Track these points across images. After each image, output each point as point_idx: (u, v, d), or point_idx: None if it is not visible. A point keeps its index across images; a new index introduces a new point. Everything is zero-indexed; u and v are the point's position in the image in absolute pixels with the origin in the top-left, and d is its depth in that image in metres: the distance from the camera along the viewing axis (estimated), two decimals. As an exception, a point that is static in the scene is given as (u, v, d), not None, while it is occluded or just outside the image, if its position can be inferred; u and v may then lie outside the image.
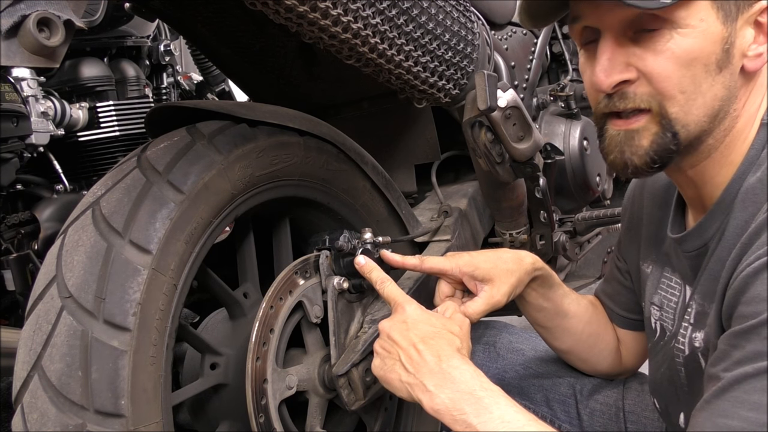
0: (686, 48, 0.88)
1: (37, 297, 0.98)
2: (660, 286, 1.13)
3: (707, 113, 0.92)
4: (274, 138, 1.20)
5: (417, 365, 0.98)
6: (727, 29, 0.89)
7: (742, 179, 0.92)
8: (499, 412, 0.90)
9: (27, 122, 1.62)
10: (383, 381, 1.03)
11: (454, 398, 0.93)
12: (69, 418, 0.91)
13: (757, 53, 0.91)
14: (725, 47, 0.89)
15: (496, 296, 1.16)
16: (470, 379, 0.95)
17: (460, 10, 1.30)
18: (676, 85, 0.90)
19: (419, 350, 0.99)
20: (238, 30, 1.48)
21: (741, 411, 0.77)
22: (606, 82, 0.92)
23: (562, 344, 1.33)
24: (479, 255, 1.20)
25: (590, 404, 1.35)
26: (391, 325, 1.05)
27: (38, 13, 0.84)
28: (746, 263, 0.83)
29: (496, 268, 1.18)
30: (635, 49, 0.91)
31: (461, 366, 0.97)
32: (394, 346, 1.02)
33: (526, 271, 1.20)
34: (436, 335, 1.02)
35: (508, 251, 1.23)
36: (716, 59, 0.89)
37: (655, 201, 1.16)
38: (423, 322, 1.04)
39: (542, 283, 1.25)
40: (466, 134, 1.41)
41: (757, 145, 0.93)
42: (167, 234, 1.00)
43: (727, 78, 0.91)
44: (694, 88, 0.90)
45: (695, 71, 0.89)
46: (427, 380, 0.96)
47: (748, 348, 0.79)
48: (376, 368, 1.05)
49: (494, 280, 1.17)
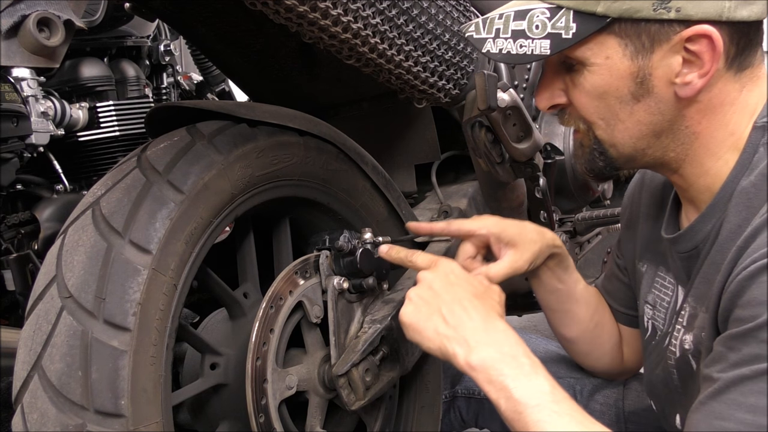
0: (595, 84, 0.95)
1: (37, 297, 0.98)
2: (654, 285, 1.13)
3: (634, 135, 0.97)
4: (274, 138, 1.20)
5: (460, 319, 0.97)
6: (637, 64, 0.92)
7: (735, 182, 0.93)
8: (537, 381, 0.89)
9: (27, 122, 1.61)
10: (412, 329, 1.01)
11: (496, 357, 0.92)
12: (69, 418, 0.91)
13: (685, 81, 0.91)
14: (638, 80, 0.93)
15: (519, 261, 1.16)
16: (515, 344, 0.94)
17: (460, 9, 1.30)
18: (593, 114, 0.97)
19: (464, 307, 0.98)
20: (238, 30, 1.48)
21: (737, 413, 0.78)
22: (540, 105, 1.03)
23: (569, 331, 1.32)
24: (505, 220, 1.21)
25: (590, 405, 1.35)
26: (434, 277, 1.03)
27: (38, 13, 0.84)
28: (742, 266, 0.83)
29: (521, 234, 1.18)
30: (567, 78, 0.99)
31: (507, 330, 0.97)
32: (435, 297, 1.00)
33: (547, 245, 1.21)
34: (481, 296, 1.02)
35: (531, 224, 1.24)
36: (629, 91, 0.94)
37: (653, 200, 1.17)
38: (467, 281, 1.04)
39: (559, 262, 1.25)
40: (466, 134, 1.41)
41: (749, 149, 0.93)
42: (167, 234, 1.00)
43: (651, 105, 0.94)
44: (612, 116, 0.96)
45: (608, 102, 0.95)
46: (469, 336, 0.95)
47: (745, 350, 0.79)
48: (406, 315, 1.02)
49: (519, 245, 1.17)
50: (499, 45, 0.96)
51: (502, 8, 0.97)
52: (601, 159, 1.00)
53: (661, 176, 1.12)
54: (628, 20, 0.90)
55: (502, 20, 0.95)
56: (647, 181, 1.19)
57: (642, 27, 0.90)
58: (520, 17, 0.94)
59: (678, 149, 0.97)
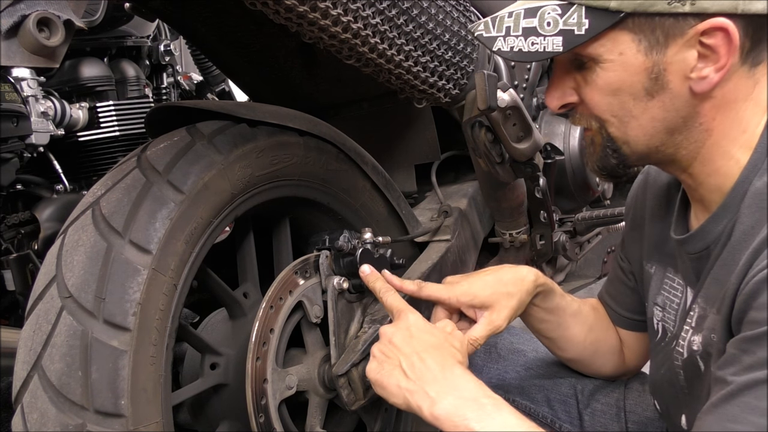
0: (608, 81, 0.93)
1: (37, 297, 0.98)
2: (663, 286, 1.12)
3: (647, 132, 0.95)
4: (274, 138, 1.20)
5: (419, 372, 0.98)
6: (651, 59, 0.90)
7: (747, 182, 0.92)
8: (501, 419, 0.90)
9: (27, 122, 1.62)
10: (378, 384, 1.02)
11: (457, 404, 0.93)
12: (69, 418, 0.91)
13: (701, 76, 0.90)
14: (652, 76, 0.91)
15: (496, 321, 1.14)
16: (474, 388, 0.95)
17: (460, 9, 1.30)
18: (606, 111, 0.96)
19: (422, 358, 0.99)
20: (238, 30, 1.48)
21: (750, 416, 0.77)
22: (551, 104, 1.01)
23: (566, 353, 1.32)
24: (477, 281, 1.18)
25: (591, 404, 1.35)
26: (394, 331, 1.04)
27: (38, 13, 0.84)
28: (758, 268, 0.83)
29: (495, 293, 1.16)
30: (578, 76, 0.97)
31: (464, 375, 0.97)
32: (396, 351, 1.01)
33: (527, 291, 1.18)
34: (439, 346, 1.02)
35: (508, 271, 1.20)
36: (643, 87, 0.92)
37: (658, 200, 1.16)
38: (426, 332, 1.04)
39: (544, 298, 1.24)
40: (466, 134, 1.41)
41: (760, 149, 0.92)
42: (167, 234, 1.00)
43: (665, 101, 0.92)
44: (625, 112, 0.94)
45: (622, 99, 0.94)
46: (429, 387, 0.96)
47: (759, 354, 0.79)
48: (371, 371, 1.03)
49: (494, 305, 1.15)
50: (510, 43, 0.94)
51: (511, 6, 0.96)
52: (614, 156, 0.99)
53: (665, 176, 1.12)
54: (642, 15, 0.88)
55: (512, 18, 0.94)
56: (651, 182, 1.18)
57: (656, 21, 0.88)
58: (531, 14, 0.92)
59: (690, 147, 0.95)
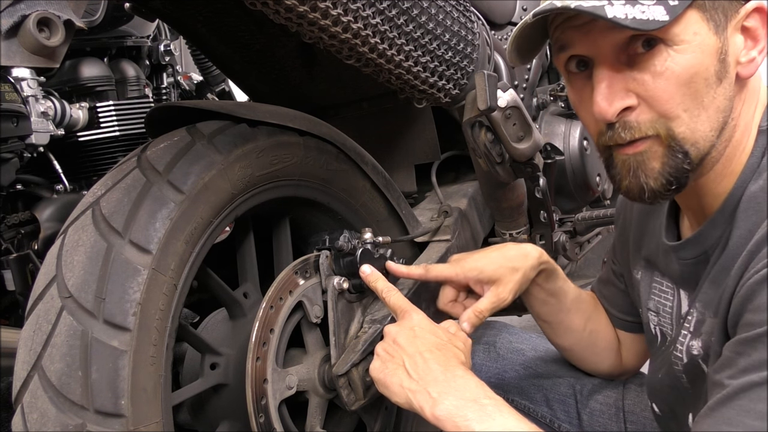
0: (685, 65, 0.86)
1: (37, 297, 0.98)
2: (652, 291, 1.12)
3: (713, 127, 0.89)
4: (274, 138, 1.20)
5: (422, 372, 0.98)
6: (720, 39, 0.87)
7: (743, 187, 0.91)
8: (501, 420, 0.90)
9: (27, 122, 1.62)
10: (381, 384, 1.03)
11: (458, 405, 0.93)
12: (69, 418, 0.91)
13: (750, 59, 0.90)
14: (721, 57, 0.87)
15: (502, 294, 1.17)
16: (475, 388, 0.95)
17: (460, 10, 1.30)
18: (679, 105, 0.87)
19: (426, 359, 0.99)
20: (238, 30, 1.48)
21: (746, 420, 0.77)
22: (610, 111, 0.88)
23: (563, 341, 1.33)
24: (483, 257, 1.21)
25: (590, 404, 1.35)
26: (398, 331, 1.05)
27: (38, 13, 0.84)
28: (753, 271, 0.82)
29: (501, 267, 1.18)
30: (632, 73, 0.87)
31: (466, 375, 0.98)
32: (399, 350, 1.02)
33: (532, 266, 1.21)
34: (442, 346, 1.02)
35: (513, 247, 1.23)
36: (715, 71, 0.87)
37: (643, 207, 1.16)
38: (430, 332, 1.05)
39: (547, 277, 1.25)
40: (466, 134, 1.41)
41: (756, 153, 0.92)
42: (167, 234, 1.00)
43: (726, 88, 0.89)
44: (697, 104, 0.87)
45: (697, 87, 0.86)
46: (431, 387, 0.96)
47: (754, 356, 0.79)
48: (375, 370, 1.04)
49: (500, 279, 1.17)
50: (621, 10, 0.83)
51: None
52: (686, 162, 0.89)
53: None
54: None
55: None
56: None
57: (718, 1, 0.87)
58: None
59: (720, 146, 0.91)
